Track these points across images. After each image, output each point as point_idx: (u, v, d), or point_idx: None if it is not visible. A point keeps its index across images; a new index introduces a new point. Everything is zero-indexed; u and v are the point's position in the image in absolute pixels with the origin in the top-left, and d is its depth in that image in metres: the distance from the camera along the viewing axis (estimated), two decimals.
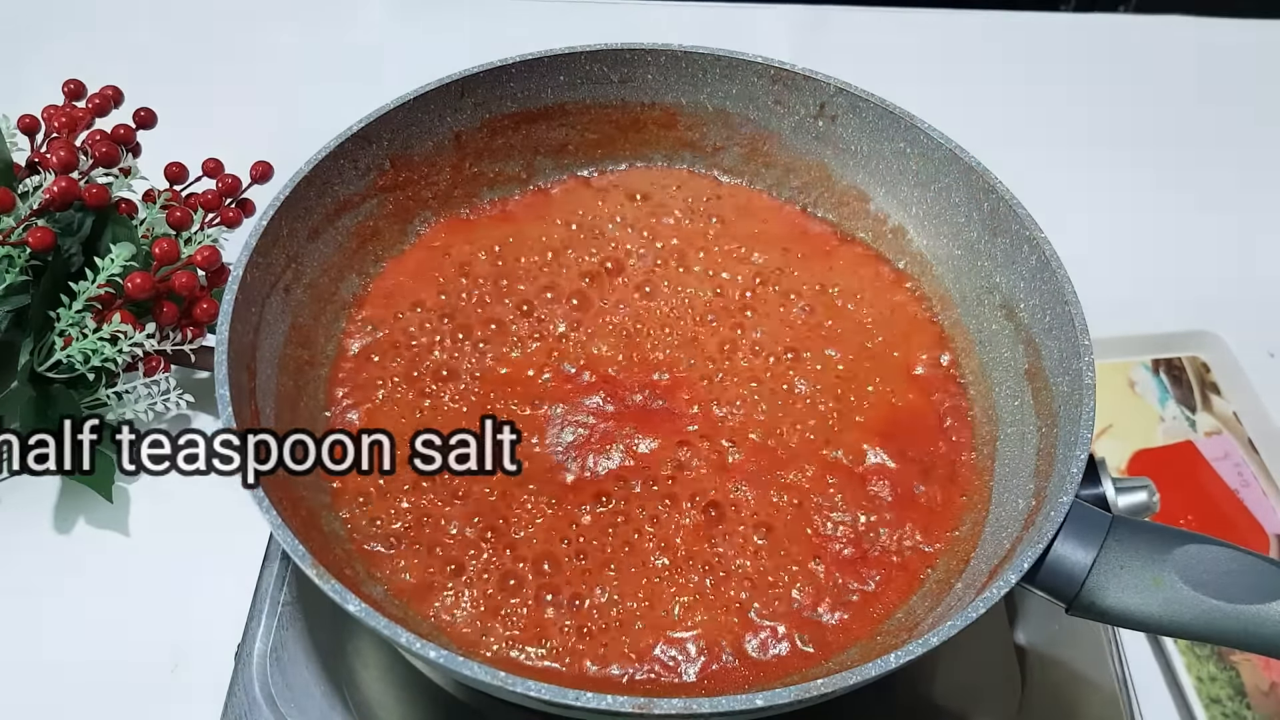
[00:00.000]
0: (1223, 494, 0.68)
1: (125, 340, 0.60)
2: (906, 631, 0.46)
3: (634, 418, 0.53)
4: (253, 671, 0.51)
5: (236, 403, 0.45)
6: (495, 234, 0.60)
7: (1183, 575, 0.40)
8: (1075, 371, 0.47)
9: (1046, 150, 0.78)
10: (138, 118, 0.68)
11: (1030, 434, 0.50)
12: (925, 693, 0.53)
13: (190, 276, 0.63)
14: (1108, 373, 0.74)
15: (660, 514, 0.49)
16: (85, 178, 0.63)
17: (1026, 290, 0.52)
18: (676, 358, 0.55)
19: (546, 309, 0.57)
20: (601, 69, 0.60)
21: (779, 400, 0.53)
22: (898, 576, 0.48)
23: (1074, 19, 1.13)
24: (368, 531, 0.48)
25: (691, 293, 0.58)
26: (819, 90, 0.59)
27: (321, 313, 0.55)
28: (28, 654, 0.57)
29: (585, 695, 0.37)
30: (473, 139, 0.61)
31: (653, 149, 0.64)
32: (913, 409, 0.53)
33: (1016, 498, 0.48)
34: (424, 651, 0.38)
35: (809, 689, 0.37)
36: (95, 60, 0.73)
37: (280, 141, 0.64)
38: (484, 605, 0.46)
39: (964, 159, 0.55)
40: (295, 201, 0.52)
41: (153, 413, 0.64)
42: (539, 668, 0.44)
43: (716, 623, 0.46)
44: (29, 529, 0.62)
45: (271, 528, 0.40)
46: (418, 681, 0.52)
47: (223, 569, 0.58)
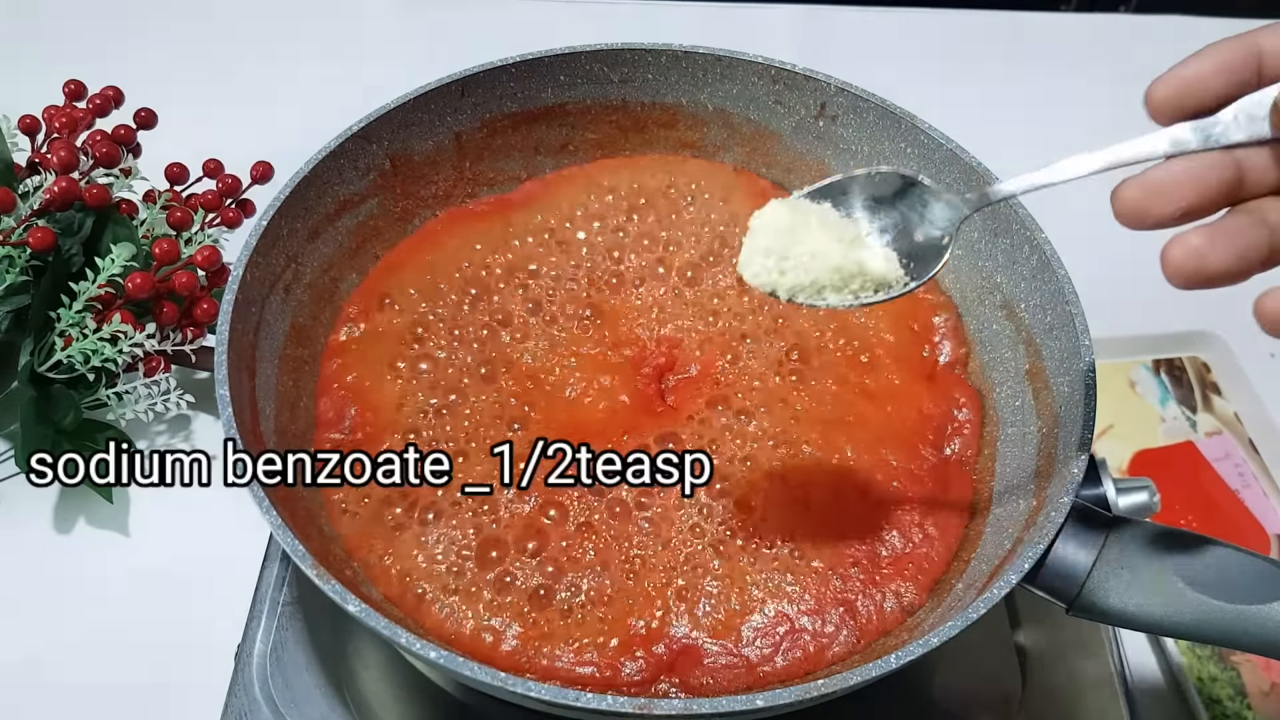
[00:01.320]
0: (1223, 494, 0.68)
1: (125, 340, 0.60)
2: (907, 632, 0.46)
3: (637, 414, 0.53)
4: (253, 671, 0.51)
5: (236, 403, 0.45)
6: (494, 224, 0.60)
7: (1183, 576, 0.40)
8: (1076, 372, 0.47)
9: (1047, 150, 0.78)
10: (138, 118, 0.68)
11: (1031, 434, 0.50)
12: (926, 693, 0.53)
13: (190, 276, 0.63)
14: (1108, 373, 0.74)
15: (661, 514, 0.49)
16: (86, 178, 0.63)
17: (1027, 290, 0.52)
18: (680, 350, 0.56)
19: (548, 300, 0.57)
20: (601, 69, 0.60)
21: (780, 400, 0.53)
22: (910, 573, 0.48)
23: (1074, 19, 1.13)
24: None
25: (691, 284, 0.58)
26: (819, 90, 0.59)
27: (321, 312, 0.55)
28: (28, 654, 0.57)
29: (585, 695, 0.37)
30: (473, 139, 0.61)
31: (653, 149, 0.64)
32: (913, 409, 0.53)
33: (1017, 498, 0.48)
34: (424, 652, 0.38)
35: (809, 689, 0.37)
36: (96, 60, 0.73)
37: (280, 141, 0.64)
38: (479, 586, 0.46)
39: (964, 159, 0.55)
40: (295, 201, 0.52)
41: (153, 413, 0.64)
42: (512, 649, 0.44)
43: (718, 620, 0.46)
44: (29, 529, 0.62)
45: (271, 528, 0.40)
46: (418, 681, 0.52)
47: (223, 569, 0.58)
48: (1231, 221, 0.33)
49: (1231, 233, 0.32)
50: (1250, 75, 0.33)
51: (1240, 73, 0.33)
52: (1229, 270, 0.32)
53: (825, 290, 0.38)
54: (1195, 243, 0.32)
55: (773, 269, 0.38)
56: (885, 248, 0.38)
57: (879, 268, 0.38)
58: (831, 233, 0.38)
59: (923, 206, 0.38)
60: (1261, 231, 0.33)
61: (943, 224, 0.38)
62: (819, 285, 0.38)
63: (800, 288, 0.38)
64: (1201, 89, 0.33)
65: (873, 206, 0.39)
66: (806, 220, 0.38)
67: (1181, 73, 0.34)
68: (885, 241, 0.39)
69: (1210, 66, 0.33)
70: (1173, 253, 0.32)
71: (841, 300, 0.38)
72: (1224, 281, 0.33)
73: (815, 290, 0.38)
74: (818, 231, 0.38)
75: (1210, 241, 0.32)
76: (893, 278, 0.38)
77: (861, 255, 0.37)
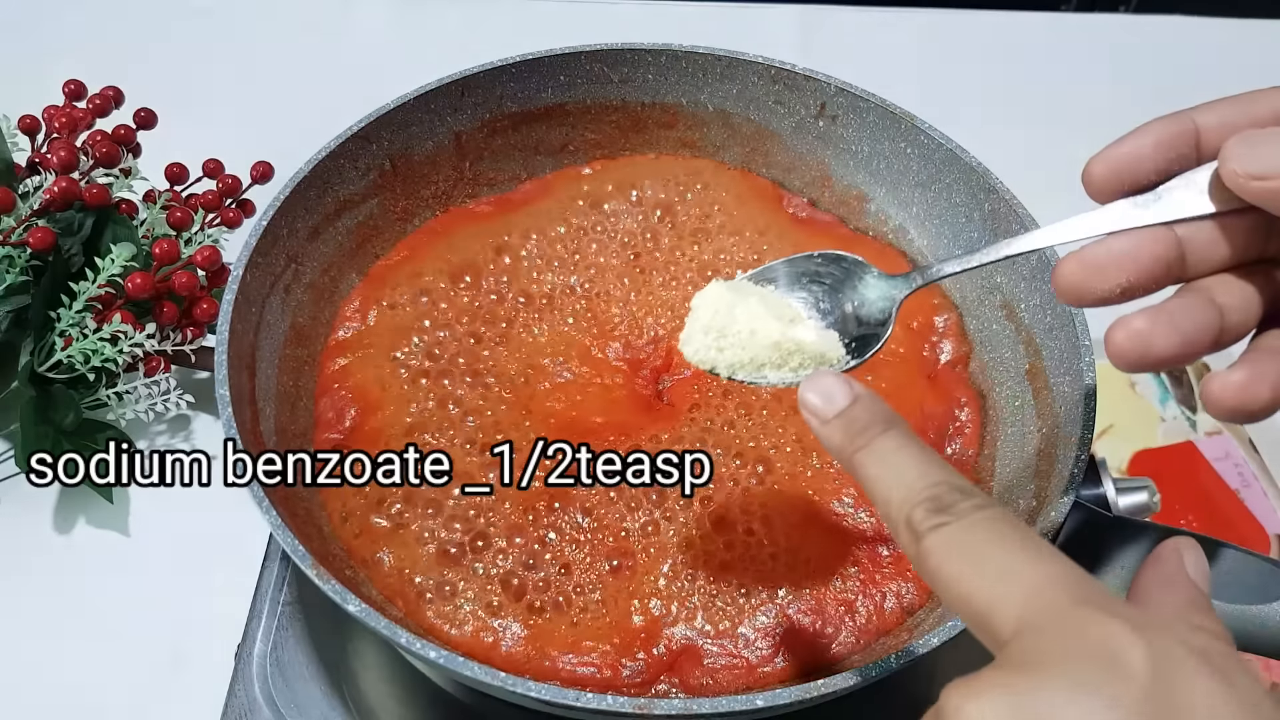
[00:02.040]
0: (1223, 494, 0.68)
1: (125, 340, 0.60)
2: (907, 632, 0.46)
3: (636, 414, 0.53)
4: (253, 671, 0.51)
5: (236, 403, 0.45)
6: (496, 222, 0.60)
7: None
8: (1076, 372, 0.47)
9: (1047, 150, 0.78)
10: (138, 118, 0.68)
11: (1031, 434, 0.50)
12: (926, 693, 0.53)
13: (190, 276, 0.63)
14: (1108, 373, 0.74)
15: (661, 514, 0.49)
16: (86, 178, 0.63)
17: (1027, 290, 0.52)
18: (679, 350, 0.56)
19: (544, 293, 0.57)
20: (601, 69, 0.60)
21: (781, 399, 0.53)
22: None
23: (1074, 19, 1.13)
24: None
25: (691, 280, 0.58)
26: (819, 90, 0.59)
27: (321, 312, 0.55)
28: (28, 654, 0.57)
29: (585, 695, 0.37)
30: (473, 139, 0.61)
31: (653, 149, 0.64)
32: (913, 409, 0.53)
33: (1017, 498, 0.48)
34: (424, 652, 0.38)
35: (809, 689, 0.37)
36: (96, 60, 0.74)
37: (280, 141, 0.64)
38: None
39: (964, 159, 0.55)
40: (295, 201, 0.52)
41: (153, 413, 0.64)
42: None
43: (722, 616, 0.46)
44: (29, 529, 0.62)
45: (271, 528, 0.40)
46: (418, 681, 0.52)
47: (223, 569, 0.58)
48: (1177, 302, 0.32)
49: (1176, 314, 0.31)
50: (1189, 150, 0.33)
51: (1178, 148, 0.33)
52: (1175, 355, 0.31)
53: (765, 368, 0.38)
54: (1138, 325, 0.31)
55: (710, 346, 0.38)
56: (826, 328, 0.39)
57: (817, 345, 0.38)
58: (771, 311, 0.38)
59: (864, 287, 0.39)
60: (1210, 312, 0.32)
61: (883, 303, 0.39)
62: (758, 363, 0.38)
63: (740, 364, 0.38)
64: (1140, 165, 0.33)
65: (815, 289, 0.40)
66: (746, 300, 0.39)
67: (1119, 150, 0.33)
68: (828, 322, 0.39)
69: (1149, 143, 0.33)
70: (1116, 337, 0.31)
71: (781, 378, 0.38)
72: (1171, 364, 0.32)
73: (755, 367, 0.38)
74: (757, 309, 0.38)
75: (1153, 325, 0.31)
76: (833, 356, 0.38)
77: (799, 333, 0.38)
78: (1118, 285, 0.32)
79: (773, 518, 0.49)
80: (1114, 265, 0.32)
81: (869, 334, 0.39)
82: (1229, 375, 0.31)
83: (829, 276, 0.39)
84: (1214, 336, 0.32)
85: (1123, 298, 0.32)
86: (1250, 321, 0.33)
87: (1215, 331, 0.32)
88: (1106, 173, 0.33)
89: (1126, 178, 0.33)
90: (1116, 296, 0.32)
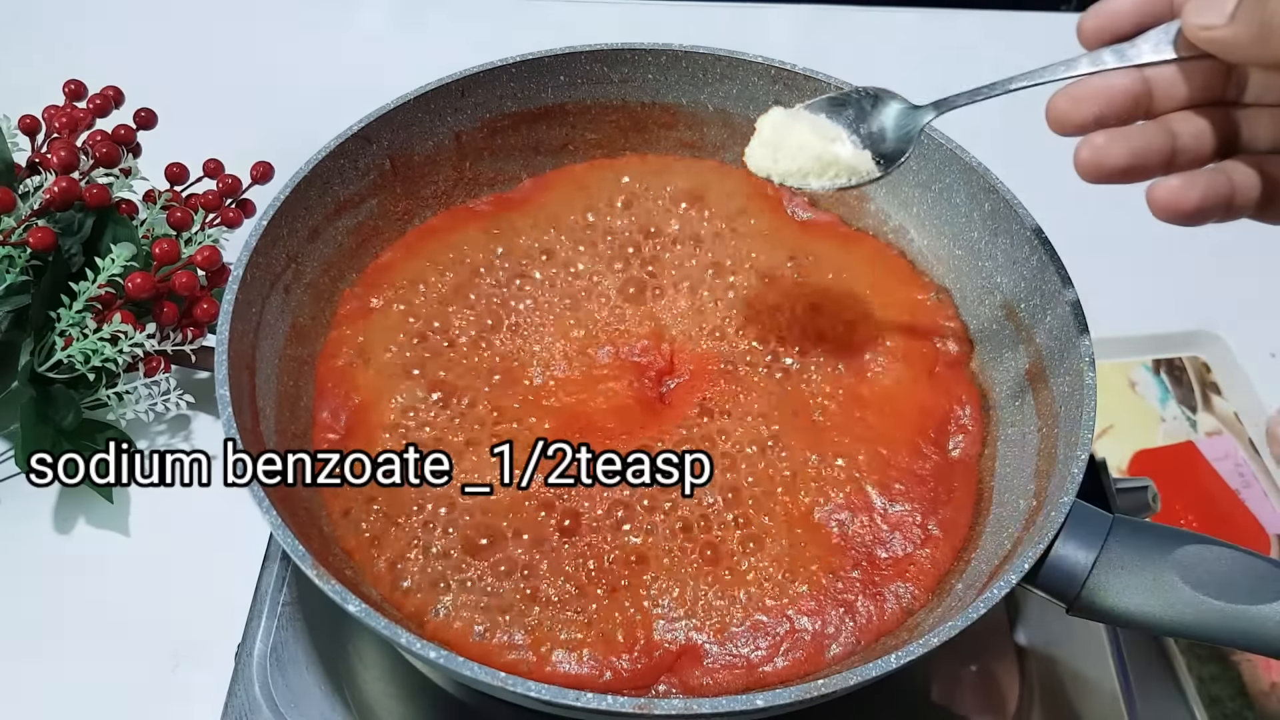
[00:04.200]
0: (1223, 494, 0.68)
1: (125, 340, 0.60)
2: (907, 632, 0.46)
3: (636, 414, 0.53)
4: (253, 671, 0.51)
5: (236, 403, 0.45)
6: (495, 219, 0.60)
7: (1183, 576, 0.40)
8: (1076, 371, 0.47)
9: (1047, 150, 0.78)
10: (138, 118, 0.68)
11: (1031, 434, 0.50)
12: (926, 693, 0.53)
13: (190, 276, 0.63)
14: (1108, 373, 0.74)
15: (661, 515, 0.49)
16: (86, 178, 0.63)
17: (1027, 290, 0.52)
18: (679, 351, 0.56)
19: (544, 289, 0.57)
20: (601, 69, 0.60)
21: (781, 398, 0.53)
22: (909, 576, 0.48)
23: (1074, 19, 1.13)
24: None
25: (694, 277, 0.58)
26: (819, 90, 0.59)
27: (321, 312, 0.55)
28: (28, 654, 0.57)
29: (585, 695, 0.37)
30: (473, 139, 0.61)
31: (653, 149, 0.64)
32: (914, 407, 0.53)
33: (1017, 498, 0.48)
34: (424, 652, 0.38)
35: (809, 689, 0.37)
36: (96, 61, 0.73)
37: (280, 141, 0.64)
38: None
39: (965, 159, 0.55)
40: (295, 201, 0.52)
41: (153, 413, 0.64)
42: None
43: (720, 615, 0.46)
44: (29, 529, 0.62)
45: (271, 528, 0.40)
46: (418, 681, 0.52)
47: (223, 569, 0.58)
48: (1136, 128, 0.39)
49: (1132, 134, 0.38)
50: (1164, 7, 0.39)
51: (1155, 6, 0.39)
52: (1125, 166, 0.38)
53: (809, 176, 0.47)
54: (1097, 140, 0.38)
55: (768, 157, 0.47)
56: (862, 148, 0.47)
57: (851, 159, 0.46)
58: (817, 131, 0.47)
59: (893, 115, 0.47)
60: (1163, 136, 0.38)
61: (908, 128, 0.46)
62: (804, 171, 0.46)
63: (789, 173, 0.47)
64: (1121, 19, 0.40)
65: (856, 116, 0.47)
66: (798, 122, 0.47)
67: (1106, 7, 0.40)
68: (863, 144, 0.47)
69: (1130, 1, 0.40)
70: (1080, 151, 0.38)
71: (820, 184, 0.46)
72: (1125, 177, 0.38)
73: (801, 176, 0.47)
74: (806, 129, 0.47)
75: (1110, 140, 0.38)
76: (863, 168, 0.46)
77: (838, 149, 0.46)
78: (1091, 115, 0.39)
79: (773, 518, 0.49)
80: (1090, 97, 0.39)
81: (895, 150, 0.46)
82: (1168, 179, 0.38)
83: (867, 105, 0.47)
84: (1165, 158, 0.38)
85: (1096, 126, 0.39)
86: (1204, 151, 0.39)
87: (1166, 153, 0.38)
88: (1094, 25, 0.40)
89: (1110, 30, 0.40)
90: (1091, 125, 0.39)
